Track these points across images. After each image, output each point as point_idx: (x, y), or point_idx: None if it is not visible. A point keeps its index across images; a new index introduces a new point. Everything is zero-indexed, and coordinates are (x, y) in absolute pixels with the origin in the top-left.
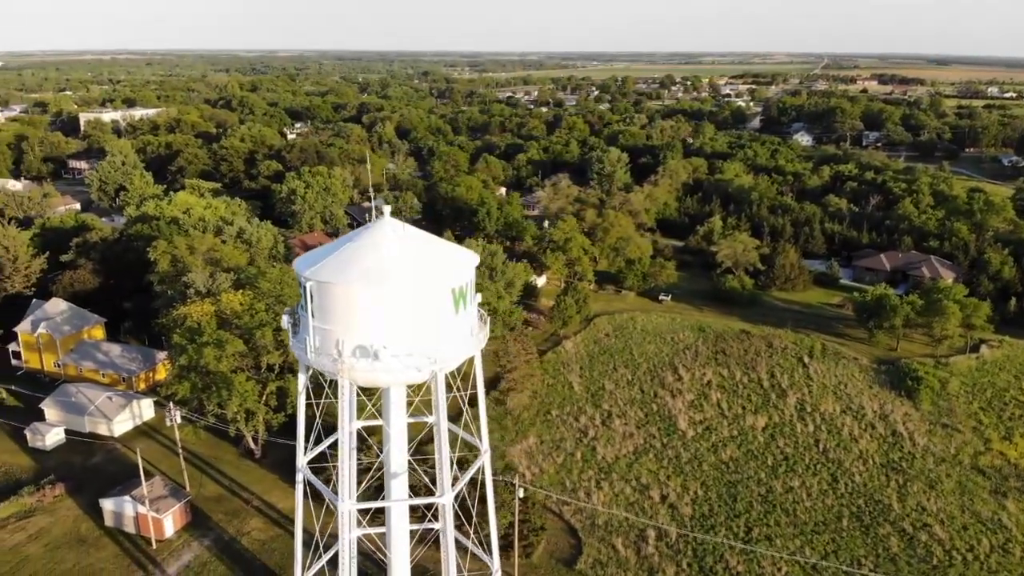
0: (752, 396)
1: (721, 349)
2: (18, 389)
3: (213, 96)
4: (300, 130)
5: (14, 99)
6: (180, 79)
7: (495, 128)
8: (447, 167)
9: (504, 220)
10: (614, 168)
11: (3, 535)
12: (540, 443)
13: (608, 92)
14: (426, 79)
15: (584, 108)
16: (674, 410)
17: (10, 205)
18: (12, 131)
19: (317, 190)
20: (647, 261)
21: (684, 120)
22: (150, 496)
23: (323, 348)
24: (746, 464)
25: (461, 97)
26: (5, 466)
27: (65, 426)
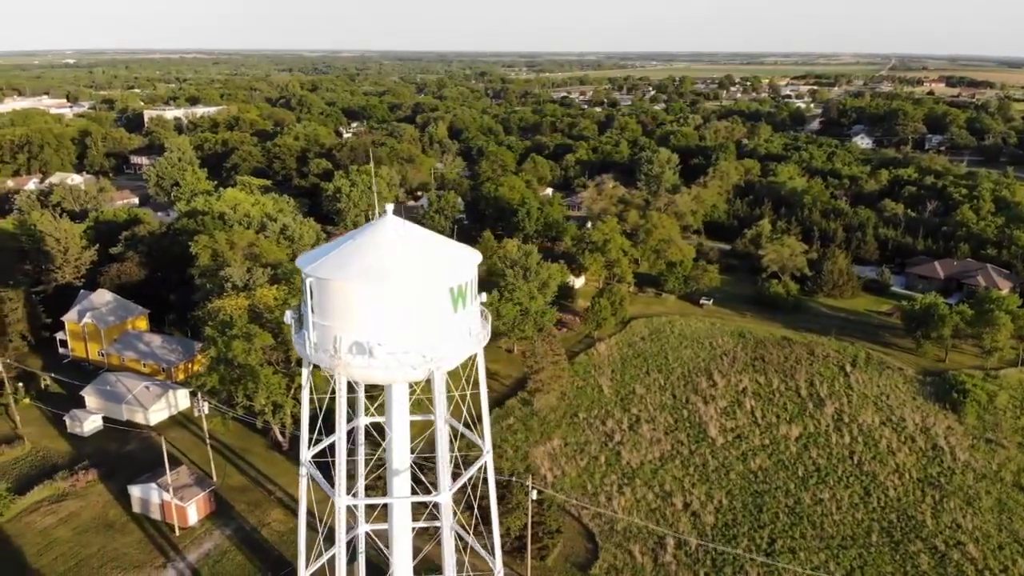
0: (788, 405)
1: (760, 356)
2: (58, 378)
3: (274, 95)
4: (356, 129)
5: (84, 96)
6: (244, 78)
7: (546, 128)
8: (494, 167)
9: (544, 220)
10: (662, 169)
11: (35, 518)
12: (564, 445)
13: (664, 92)
14: (482, 79)
15: (638, 108)
16: (705, 417)
17: (67, 198)
18: (77, 127)
19: (362, 188)
20: (689, 264)
21: (740, 121)
22: (175, 484)
23: (321, 344)
24: (775, 474)
25: (515, 97)
26: (43, 451)
27: (104, 414)
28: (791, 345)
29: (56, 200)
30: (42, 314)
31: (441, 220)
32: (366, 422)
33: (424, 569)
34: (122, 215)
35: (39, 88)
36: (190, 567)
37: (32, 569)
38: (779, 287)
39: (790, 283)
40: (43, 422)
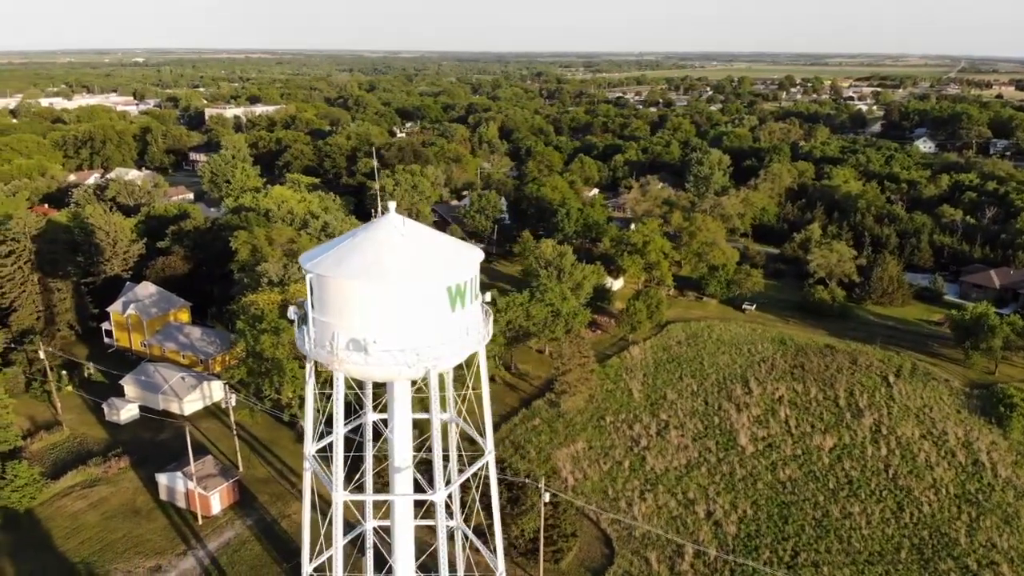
0: (824, 415)
1: (800, 364)
2: (100, 368)
3: (333, 95)
4: (409, 129)
5: (150, 94)
6: (305, 78)
7: (597, 128)
8: (540, 167)
9: (584, 221)
10: (712, 171)
11: (66, 502)
12: (588, 448)
13: (722, 93)
14: (538, 80)
15: (693, 109)
16: (736, 424)
17: (122, 193)
18: (140, 124)
19: (405, 187)
20: (732, 268)
21: (797, 123)
22: (199, 474)
23: (320, 340)
24: (805, 485)
25: (569, 97)
26: (80, 437)
27: (141, 403)
28: (833, 353)
29: (111, 195)
30: (90, 304)
31: (482, 220)
32: (374, 419)
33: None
34: (172, 210)
35: (108, 86)
36: (209, 555)
37: (58, 552)
38: (824, 293)
39: (836, 289)
40: (83, 410)
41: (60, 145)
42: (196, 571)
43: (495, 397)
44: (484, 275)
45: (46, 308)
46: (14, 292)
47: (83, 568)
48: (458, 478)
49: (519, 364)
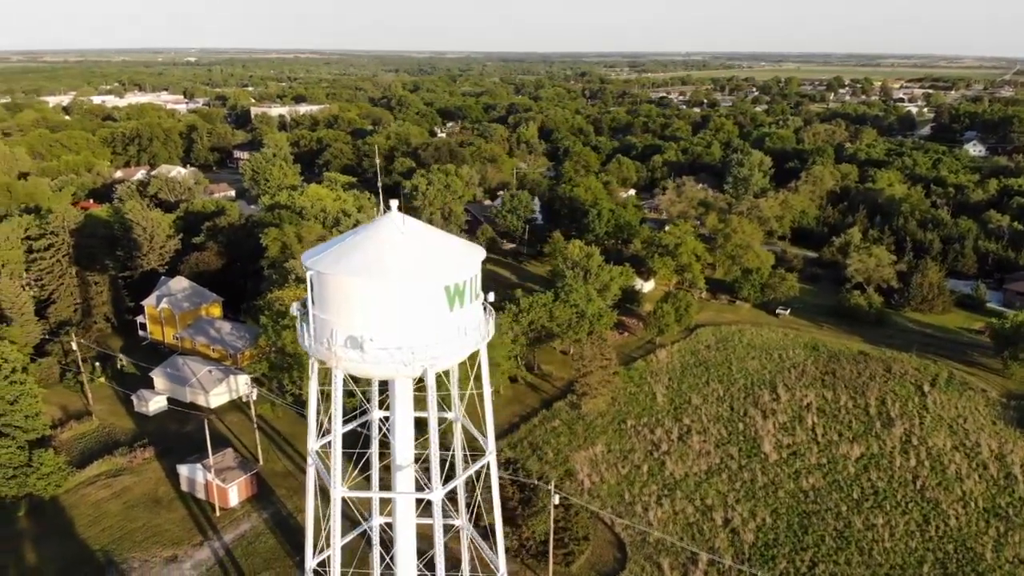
0: (853, 423)
1: (831, 370)
2: (133, 361)
3: (377, 95)
4: (449, 129)
5: (199, 93)
6: (351, 78)
7: (638, 129)
8: (577, 167)
9: (615, 222)
10: (751, 172)
11: (91, 490)
12: (607, 451)
13: (768, 93)
14: (581, 80)
15: (737, 109)
16: (761, 431)
17: (163, 189)
18: (186, 122)
19: (438, 187)
20: (766, 271)
21: (843, 124)
22: (219, 466)
23: (319, 337)
24: (828, 495)
25: (612, 97)
26: (109, 428)
27: (169, 395)
28: (867, 360)
29: (153, 191)
30: (126, 298)
31: (513, 219)
32: (380, 416)
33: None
34: (210, 206)
35: (159, 84)
36: (224, 547)
37: (79, 540)
38: (861, 299)
39: (874, 295)
40: (114, 400)
41: (109, 142)
42: (211, 562)
43: (516, 397)
44: (514, 275)
45: (83, 301)
46: (53, 284)
47: (102, 556)
48: (459, 477)
49: (542, 365)
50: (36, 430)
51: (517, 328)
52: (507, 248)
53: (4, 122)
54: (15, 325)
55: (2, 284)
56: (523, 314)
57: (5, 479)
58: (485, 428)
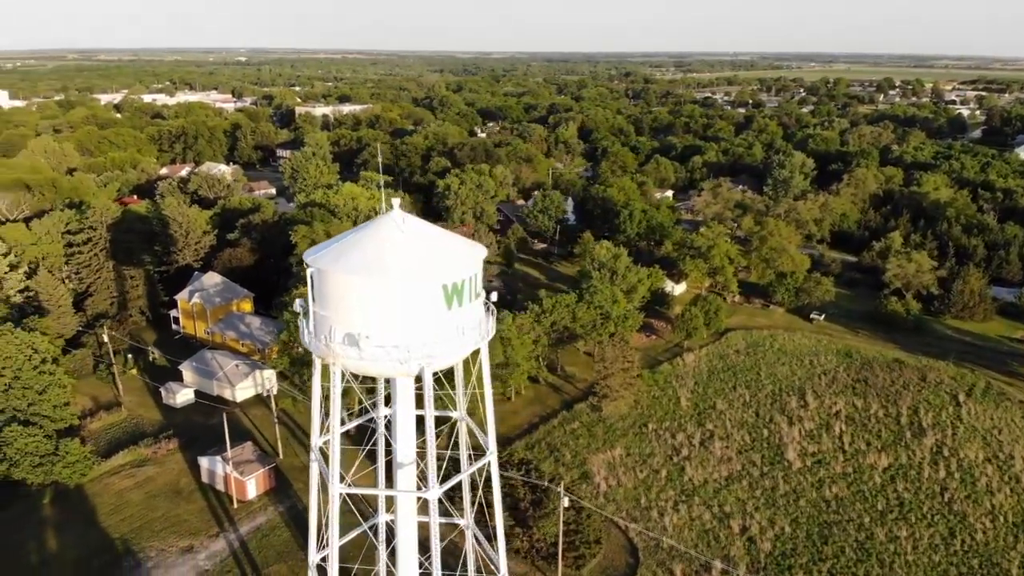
0: (882, 432)
1: (864, 378)
2: (164, 354)
3: (420, 95)
4: (489, 129)
5: (247, 92)
6: (396, 78)
7: (679, 129)
8: (614, 167)
9: (647, 223)
10: (791, 174)
11: (115, 480)
12: (626, 455)
13: (815, 94)
14: (625, 80)
15: (782, 110)
16: (786, 438)
17: (203, 186)
18: (231, 120)
19: (470, 187)
20: (801, 275)
21: (890, 126)
22: (237, 459)
23: (319, 333)
24: (851, 505)
25: (655, 97)
26: (137, 418)
27: (197, 388)
28: (901, 368)
29: (193, 187)
30: (161, 292)
31: (544, 219)
32: (385, 413)
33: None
34: (247, 203)
35: (209, 84)
36: (240, 539)
37: (100, 528)
38: (898, 305)
39: (912, 301)
40: (144, 392)
41: (155, 139)
42: (225, 553)
43: (537, 398)
44: (543, 275)
45: (119, 294)
46: (90, 278)
47: (120, 544)
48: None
49: (566, 366)
50: (64, 419)
51: (539, 329)
52: (538, 248)
53: (56, 119)
54: (52, 317)
55: (41, 277)
56: (545, 315)
57: (32, 467)
58: (487, 427)
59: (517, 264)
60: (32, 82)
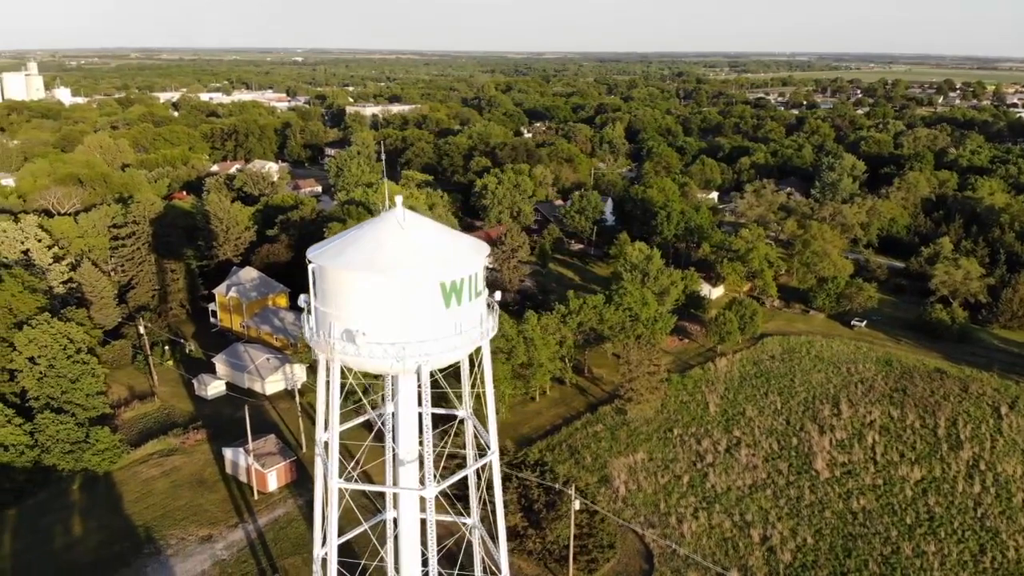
0: (918, 444)
1: (902, 387)
2: (199, 347)
3: (470, 95)
4: (536, 129)
5: (301, 91)
6: (447, 79)
7: (728, 129)
8: (657, 168)
9: (685, 225)
10: (840, 176)
11: (142, 468)
12: (648, 459)
13: (872, 96)
14: (677, 80)
15: (836, 112)
16: (816, 447)
17: (248, 183)
18: (282, 119)
19: (507, 187)
20: (843, 281)
21: (947, 129)
22: (260, 451)
23: (319, 329)
24: (879, 518)
25: (706, 98)
26: (168, 409)
27: (228, 380)
28: (942, 378)
29: (239, 184)
30: (201, 286)
31: (582, 220)
32: (392, 410)
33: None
34: (288, 200)
35: (265, 83)
36: (258, 530)
37: (125, 515)
38: (943, 313)
39: (958, 310)
40: (178, 383)
41: (208, 137)
42: (242, 544)
43: (562, 399)
44: (577, 275)
45: (161, 287)
46: (132, 271)
47: (142, 531)
48: (471, 475)
49: (593, 368)
50: (96, 408)
51: (564, 329)
52: (574, 249)
53: (115, 115)
54: (94, 308)
55: (84, 269)
56: (571, 315)
57: (63, 453)
58: (488, 427)
59: (552, 264)
60: (95, 80)
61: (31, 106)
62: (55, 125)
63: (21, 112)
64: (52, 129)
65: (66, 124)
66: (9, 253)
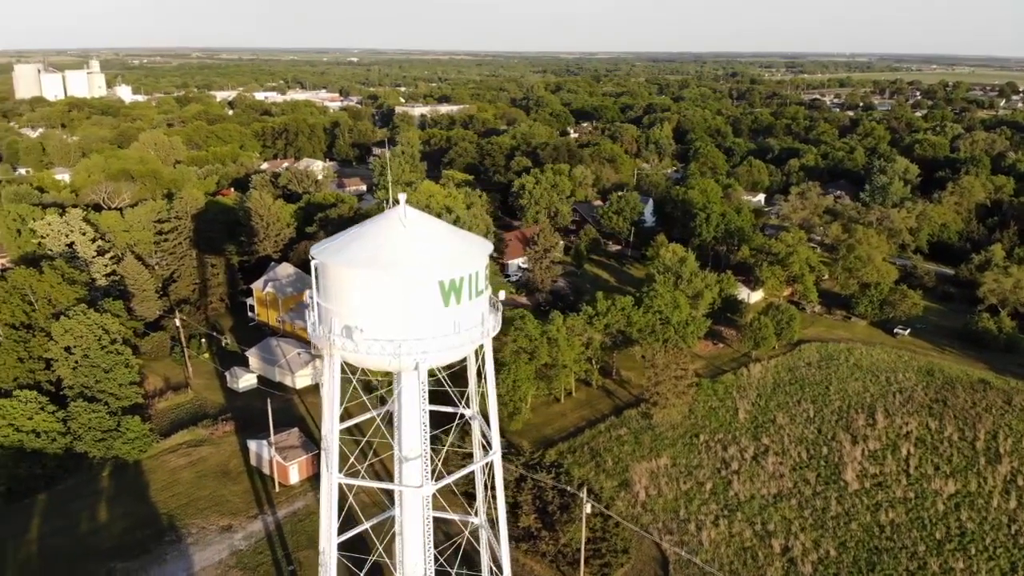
0: (954, 457)
1: (942, 398)
2: (234, 340)
3: (519, 95)
4: (582, 129)
5: (354, 91)
6: (498, 79)
7: (779, 131)
8: (703, 169)
9: (725, 227)
10: (890, 180)
11: (171, 457)
12: (671, 465)
13: (932, 98)
14: (731, 80)
15: (892, 114)
16: (847, 457)
17: (292, 181)
18: (331, 119)
19: (545, 186)
20: (886, 287)
21: (1008, 133)
22: (283, 444)
23: (321, 324)
24: (907, 532)
25: (760, 98)
26: (201, 400)
27: (260, 373)
28: (986, 390)
29: (283, 182)
30: (240, 281)
31: (619, 221)
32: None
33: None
34: (330, 198)
35: (319, 83)
36: (276, 521)
37: (150, 502)
38: (990, 322)
39: (1006, 319)
40: (212, 375)
41: (259, 135)
42: (260, 535)
43: (588, 402)
44: (613, 276)
45: (201, 281)
46: (174, 265)
47: (166, 519)
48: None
49: (622, 370)
50: (128, 398)
51: (591, 331)
52: (612, 250)
53: (171, 113)
54: (136, 300)
55: (127, 262)
56: (599, 317)
57: (94, 441)
58: (491, 426)
59: (588, 265)
60: (155, 78)
61: (92, 103)
62: (114, 122)
63: (82, 109)
64: (111, 126)
65: (124, 121)
66: (54, 245)
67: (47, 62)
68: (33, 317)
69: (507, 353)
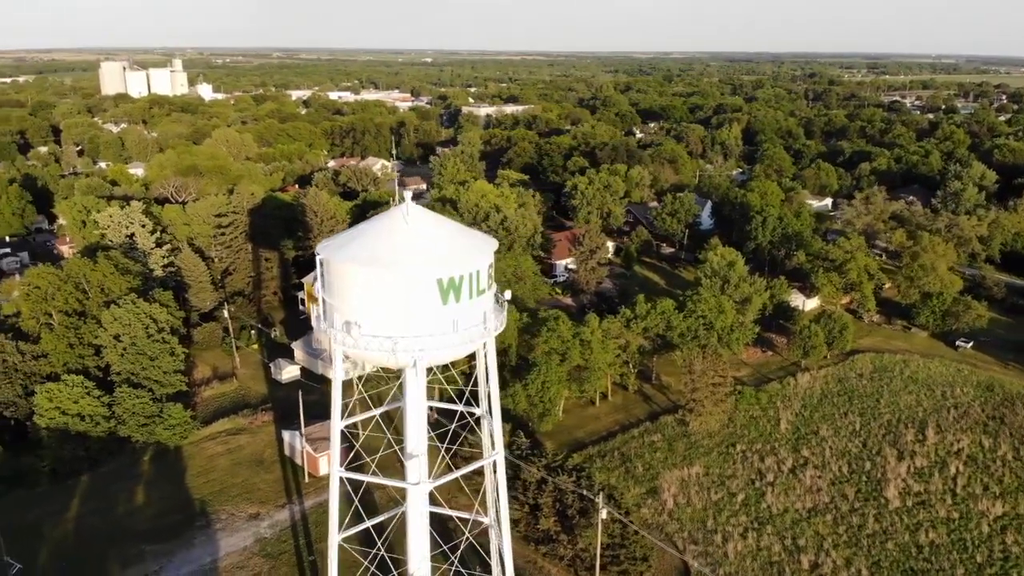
0: (1005, 477)
1: (1000, 415)
2: (283, 332)
3: (587, 95)
4: (648, 129)
5: (425, 91)
6: (567, 79)
7: (853, 133)
8: (768, 171)
9: (782, 231)
10: (964, 186)
11: (209, 445)
12: (704, 474)
13: (1019, 102)
14: (808, 81)
15: (975, 118)
16: (890, 474)
17: (352, 179)
18: (399, 118)
19: (597, 187)
20: (949, 297)
21: None
22: (314, 435)
23: (325, 319)
24: (947, 554)
25: (836, 100)
26: (245, 390)
27: (303, 365)
28: None
29: (343, 180)
30: (293, 275)
31: (672, 223)
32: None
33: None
34: (386, 196)
35: (393, 83)
36: (302, 511)
37: (185, 488)
38: None
39: None
40: (258, 366)
41: (328, 134)
42: (286, 523)
43: (624, 406)
44: (663, 279)
45: (256, 274)
46: (230, 258)
47: (198, 504)
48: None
49: (662, 375)
50: (173, 385)
51: (628, 334)
52: (665, 252)
53: (247, 111)
54: (192, 291)
55: (184, 254)
56: (636, 321)
57: (137, 426)
58: (493, 425)
59: (638, 268)
60: (236, 77)
61: (173, 101)
62: (192, 119)
63: (163, 106)
64: (188, 123)
65: (202, 119)
66: (115, 237)
67: (132, 60)
68: (86, 305)
69: (538, 354)
